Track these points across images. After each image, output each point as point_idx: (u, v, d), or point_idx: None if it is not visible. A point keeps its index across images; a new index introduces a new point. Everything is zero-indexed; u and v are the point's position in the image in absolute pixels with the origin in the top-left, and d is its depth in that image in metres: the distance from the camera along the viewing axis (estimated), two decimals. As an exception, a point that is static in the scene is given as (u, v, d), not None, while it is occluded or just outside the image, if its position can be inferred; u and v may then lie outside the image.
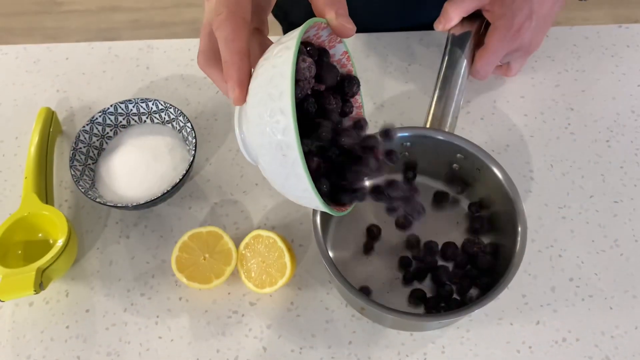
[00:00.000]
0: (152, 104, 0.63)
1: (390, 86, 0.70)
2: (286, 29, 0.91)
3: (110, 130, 0.64)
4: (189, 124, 0.62)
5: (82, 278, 0.59)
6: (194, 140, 0.60)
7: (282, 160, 0.38)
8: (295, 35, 0.38)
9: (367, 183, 0.46)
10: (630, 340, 0.54)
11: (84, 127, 0.62)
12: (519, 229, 0.52)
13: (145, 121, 0.65)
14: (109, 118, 0.63)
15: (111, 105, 0.63)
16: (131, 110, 0.64)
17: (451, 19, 0.60)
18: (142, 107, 0.64)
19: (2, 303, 0.57)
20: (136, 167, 0.60)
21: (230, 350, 0.55)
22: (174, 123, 0.64)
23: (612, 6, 1.90)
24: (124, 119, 0.64)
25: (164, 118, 0.64)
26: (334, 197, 0.44)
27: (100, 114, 0.62)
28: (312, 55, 0.42)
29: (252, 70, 0.40)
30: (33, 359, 0.55)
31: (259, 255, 0.56)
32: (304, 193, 0.39)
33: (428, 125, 0.58)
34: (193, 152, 0.60)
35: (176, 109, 0.63)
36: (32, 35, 1.89)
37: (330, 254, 0.57)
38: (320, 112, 0.43)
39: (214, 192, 0.64)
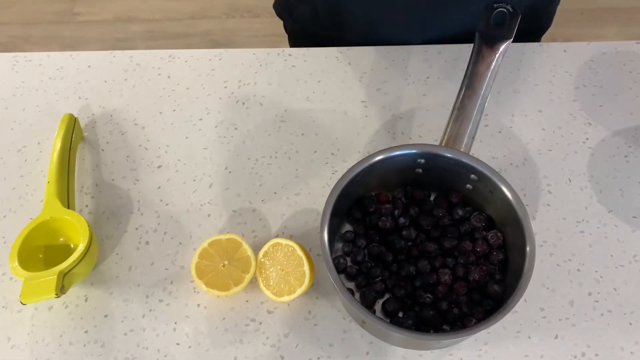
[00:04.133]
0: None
1: (408, 98, 0.71)
2: (291, 27, 0.91)
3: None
4: None
5: (101, 283, 0.59)
6: None
7: None
8: None
9: None
10: (650, 357, 0.54)
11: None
12: (527, 254, 0.52)
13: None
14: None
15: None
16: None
17: None
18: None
19: (22, 306, 0.58)
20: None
21: (248, 358, 0.55)
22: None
23: (625, 24, 1.91)
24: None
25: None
26: None
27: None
28: None
29: None
30: (51, 363, 0.55)
31: (278, 264, 0.56)
32: None
33: (443, 144, 0.57)
34: None
35: None
36: (50, 45, 1.92)
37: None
38: None
39: (233, 200, 0.64)
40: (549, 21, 0.86)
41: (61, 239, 0.59)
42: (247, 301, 0.58)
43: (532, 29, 0.84)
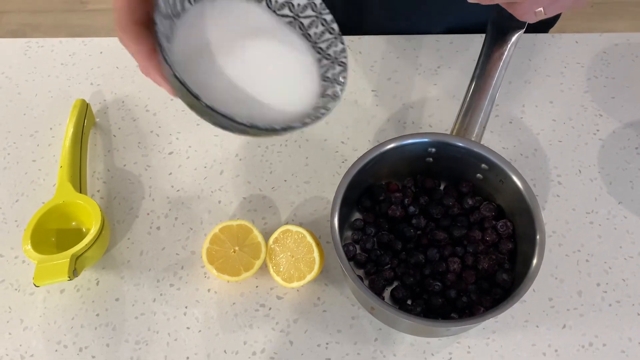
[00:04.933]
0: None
1: (419, 88, 0.71)
2: None
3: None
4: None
5: (113, 267, 0.60)
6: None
7: None
8: None
9: None
10: (658, 347, 0.54)
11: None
12: (537, 243, 0.52)
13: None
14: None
15: None
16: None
17: None
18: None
19: (34, 289, 0.58)
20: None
21: (257, 342, 0.55)
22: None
23: (635, 17, 1.90)
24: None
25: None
26: None
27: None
28: None
29: None
30: (63, 345, 0.56)
31: (288, 250, 0.57)
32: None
33: (454, 134, 0.57)
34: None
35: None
36: (59, 33, 1.92)
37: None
38: None
39: (243, 187, 0.64)
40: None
41: (73, 223, 0.60)
42: (257, 287, 0.58)
43: (542, 21, 0.83)
